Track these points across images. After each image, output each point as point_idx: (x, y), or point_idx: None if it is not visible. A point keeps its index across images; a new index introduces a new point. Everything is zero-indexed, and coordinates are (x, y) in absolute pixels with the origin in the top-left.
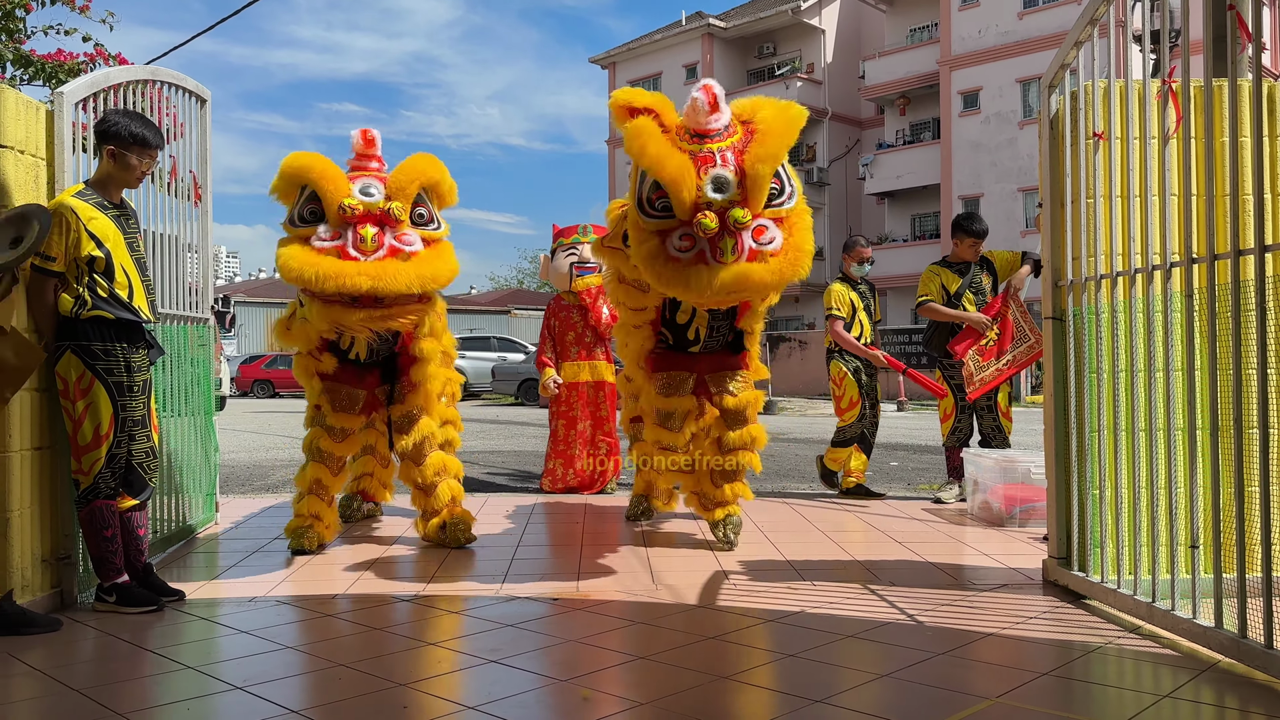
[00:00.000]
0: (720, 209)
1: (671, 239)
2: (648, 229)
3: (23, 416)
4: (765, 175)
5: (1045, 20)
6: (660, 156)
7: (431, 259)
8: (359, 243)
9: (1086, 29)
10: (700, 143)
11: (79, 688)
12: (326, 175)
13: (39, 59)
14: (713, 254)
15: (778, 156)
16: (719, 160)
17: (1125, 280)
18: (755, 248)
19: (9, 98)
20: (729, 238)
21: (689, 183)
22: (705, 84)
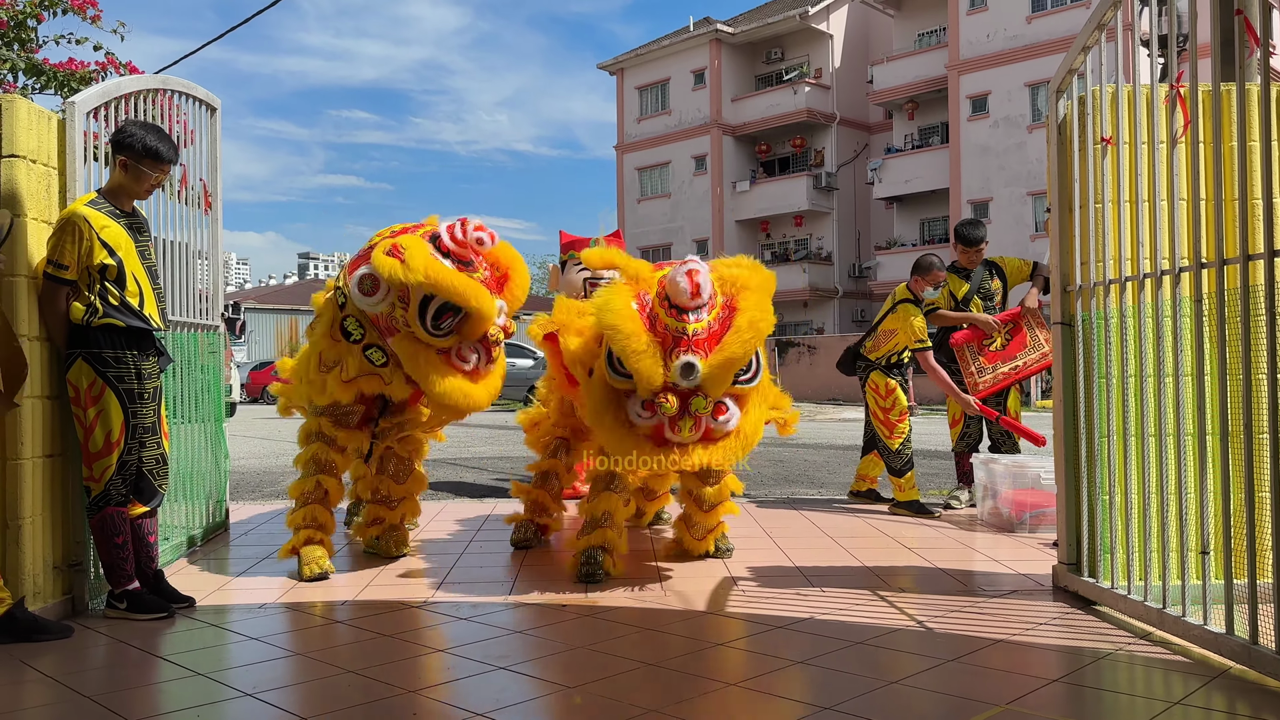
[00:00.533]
0: (684, 392)
1: (633, 404)
2: (616, 386)
3: (34, 424)
4: (731, 369)
5: (1054, 24)
6: (630, 334)
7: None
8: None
9: (1094, 34)
10: (678, 318)
11: (90, 694)
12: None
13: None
14: (670, 429)
15: (751, 345)
16: (691, 346)
17: (1134, 285)
18: (712, 426)
19: (21, 107)
20: (688, 418)
21: (656, 371)
22: (690, 268)
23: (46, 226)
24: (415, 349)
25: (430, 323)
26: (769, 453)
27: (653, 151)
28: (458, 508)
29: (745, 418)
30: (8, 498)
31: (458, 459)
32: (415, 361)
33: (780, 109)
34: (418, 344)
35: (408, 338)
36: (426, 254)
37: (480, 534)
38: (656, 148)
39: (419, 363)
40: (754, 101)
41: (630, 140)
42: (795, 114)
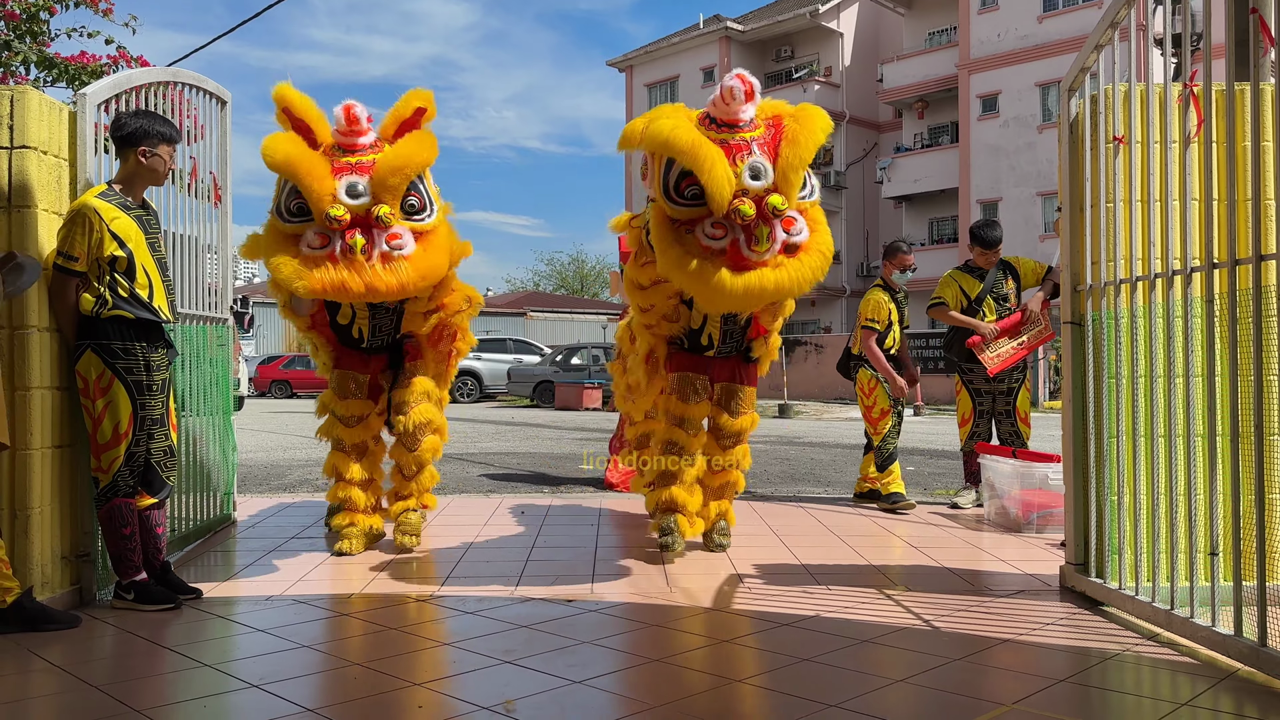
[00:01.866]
0: (756, 196)
1: (703, 227)
2: (677, 217)
3: (43, 415)
4: (800, 169)
5: (1065, 24)
6: (694, 143)
7: (422, 258)
8: (348, 251)
9: (1107, 32)
10: (731, 132)
11: (97, 684)
12: (311, 173)
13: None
14: (748, 242)
15: (809, 149)
16: (755, 149)
17: (1145, 285)
18: (787, 239)
19: (32, 99)
20: (765, 226)
21: (725, 169)
22: (739, 73)
23: (57, 218)
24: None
25: (284, 209)
26: (775, 451)
27: None
28: (464, 503)
29: (814, 234)
30: (16, 488)
31: (464, 454)
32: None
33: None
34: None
35: (269, 230)
36: (287, 140)
37: (486, 528)
38: None
39: (272, 253)
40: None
41: None
42: None
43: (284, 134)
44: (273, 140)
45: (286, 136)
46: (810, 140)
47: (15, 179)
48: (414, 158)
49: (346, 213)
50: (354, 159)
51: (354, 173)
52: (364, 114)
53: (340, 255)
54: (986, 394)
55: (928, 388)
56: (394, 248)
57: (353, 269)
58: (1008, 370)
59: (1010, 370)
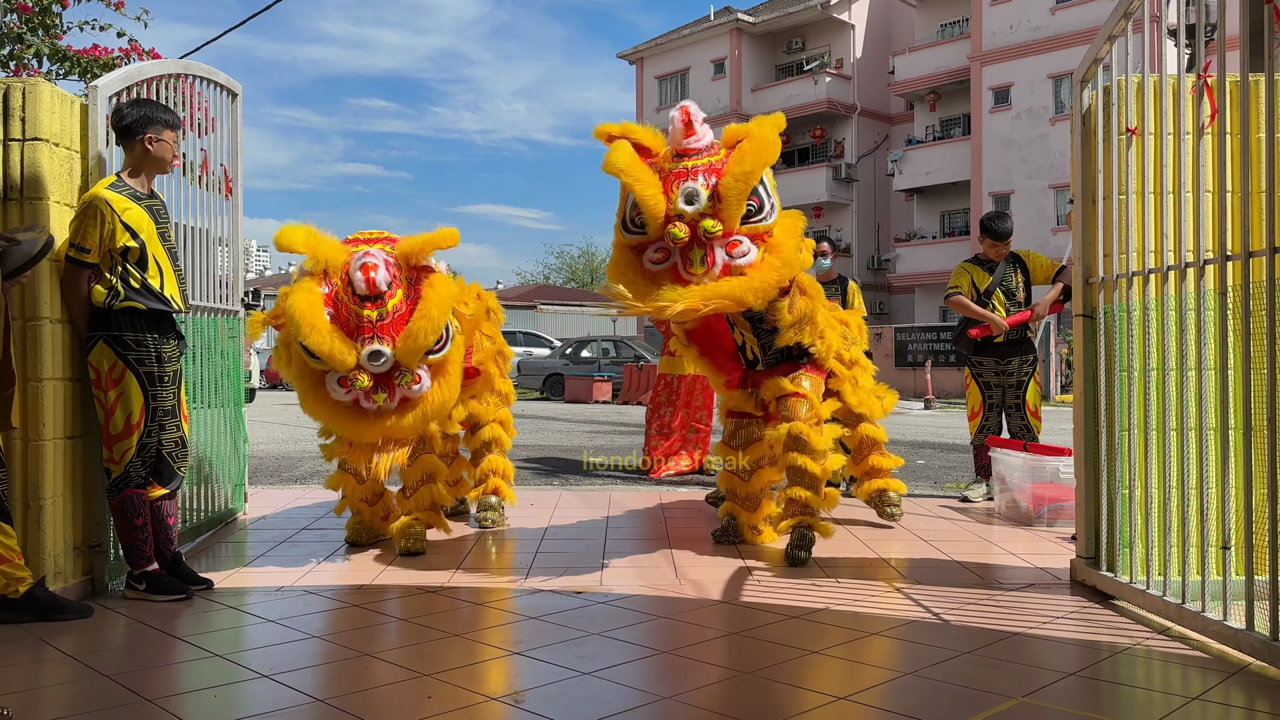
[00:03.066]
0: (691, 220)
1: (647, 252)
2: (625, 244)
3: (56, 406)
4: (737, 190)
5: (1078, 15)
6: (634, 172)
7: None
8: (688, 266)
9: (1120, 23)
10: (678, 161)
11: (109, 673)
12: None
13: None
14: (683, 265)
15: (752, 173)
16: (690, 176)
17: (1157, 277)
18: (728, 261)
19: (44, 91)
20: (698, 248)
21: (659, 196)
22: (682, 105)
23: (69, 210)
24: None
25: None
26: None
27: None
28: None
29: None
30: (29, 479)
31: None
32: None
33: (800, 99)
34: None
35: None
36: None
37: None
38: None
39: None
40: (774, 92)
41: None
42: (815, 104)
43: (621, 143)
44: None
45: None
46: (754, 159)
47: (27, 171)
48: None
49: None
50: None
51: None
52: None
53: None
54: (996, 387)
55: (938, 382)
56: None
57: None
58: (1017, 363)
59: (1020, 363)
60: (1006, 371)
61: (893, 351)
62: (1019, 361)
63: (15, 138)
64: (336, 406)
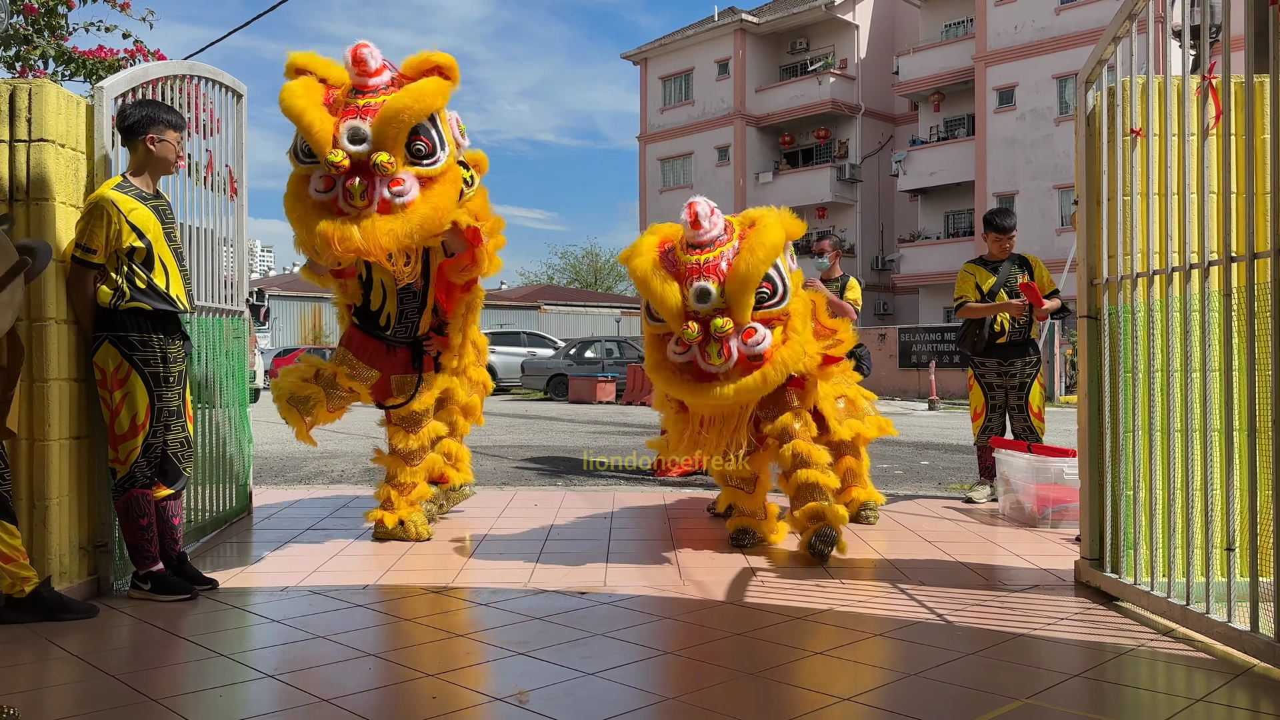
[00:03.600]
0: (705, 316)
1: (670, 344)
2: (652, 333)
3: (61, 406)
4: (745, 287)
5: (1083, 16)
6: (645, 278)
7: (421, 206)
8: (348, 197)
9: (1125, 24)
10: (692, 253)
11: (114, 673)
12: (315, 122)
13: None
14: (702, 358)
15: (760, 265)
16: (359, 115)
17: (1162, 279)
18: (744, 350)
19: (50, 92)
20: (714, 343)
21: (675, 302)
22: (690, 201)
23: (75, 211)
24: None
25: (299, 150)
26: None
27: (675, 142)
28: (477, 495)
29: (782, 344)
30: (35, 479)
31: (477, 447)
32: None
33: (804, 100)
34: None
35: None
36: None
37: (499, 521)
38: (679, 138)
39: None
40: (778, 92)
41: (653, 131)
42: (820, 105)
43: (299, 80)
44: (287, 86)
45: (300, 82)
46: (764, 252)
47: (33, 172)
48: (418, 102)
49: (345, 158)
50: (363, 101)
51: (359, 116)
52: (375, 55)
53: (343, 202)
54: (999, 388)
55: (943, 382)
56: (395, 194)
57: (355, 220)
58: (1020, 364)
59: (1023, 365)
60: (1009, 373)
61: (897, 352)
62: (1022, 363)
63: (21, 139)
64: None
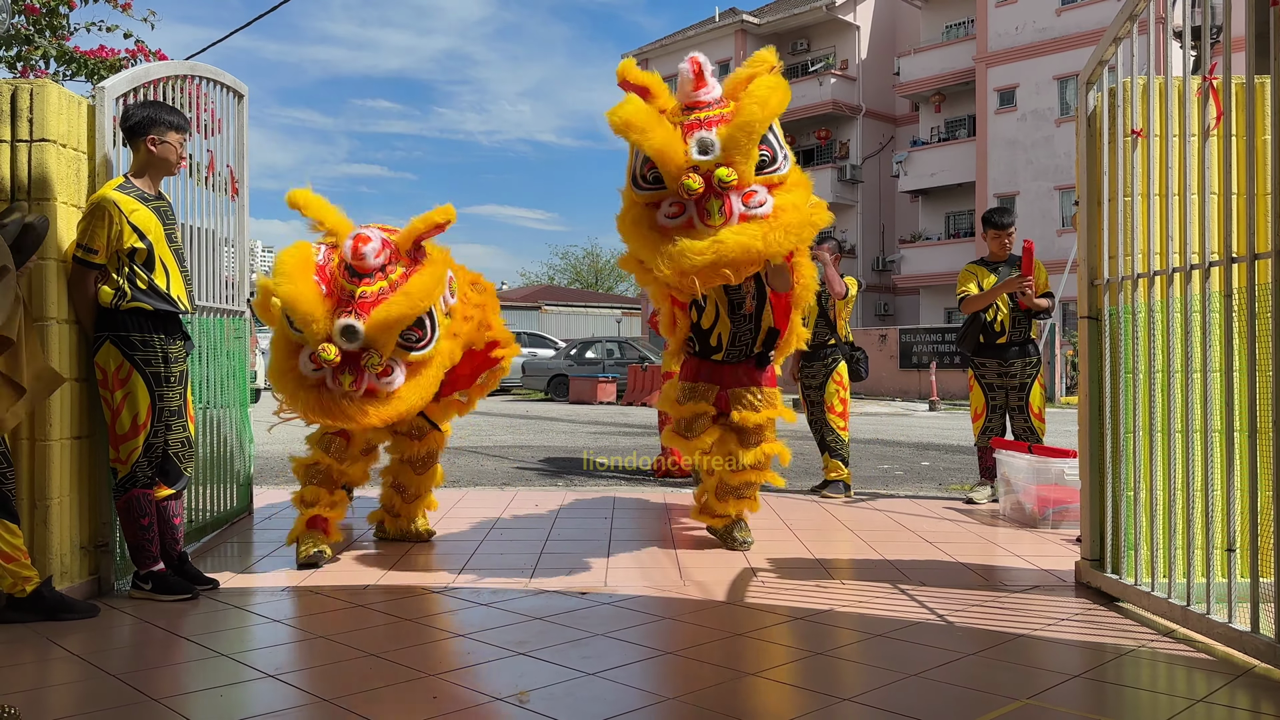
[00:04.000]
0: (706, 171)
1: (662, 207)
2: (637, 201)
3: (63, 406)
4: (746, 136)
5: (1083, 17)
6: (646, 127)
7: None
8: (705, 218)
9: (1126, 25)
10: (689, 114)
11: (115, 673)
12: (310, 314)
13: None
14: (700, 216)
15: (759, 120)
16: (704, 126)
17: (1163, 280)
18: (745, 211)
19: (52, 92)
20: (715, 199)
21: (675, 147)
22: (691, 56)
23: (76, 211)
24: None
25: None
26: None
27: None
28: (478, 495)
29: (784, 203)
30: (36, 479)
31: (479, 447)
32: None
33: (805, 100)
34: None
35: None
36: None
37: (501, 521)
38: None
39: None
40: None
41: None
42: (820, 106)
43: (632, 98)
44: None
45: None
46: (760, 107)
47: (35, 172)
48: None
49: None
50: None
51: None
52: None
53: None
54: (999, 389)
55: (943, 383)
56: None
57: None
58: (1020, 365)
59: (1023, 366)
60: (1009, 373)
61: (897, 353)
62: (1022, 364)
63: (23, 139)
64: (302, 382)
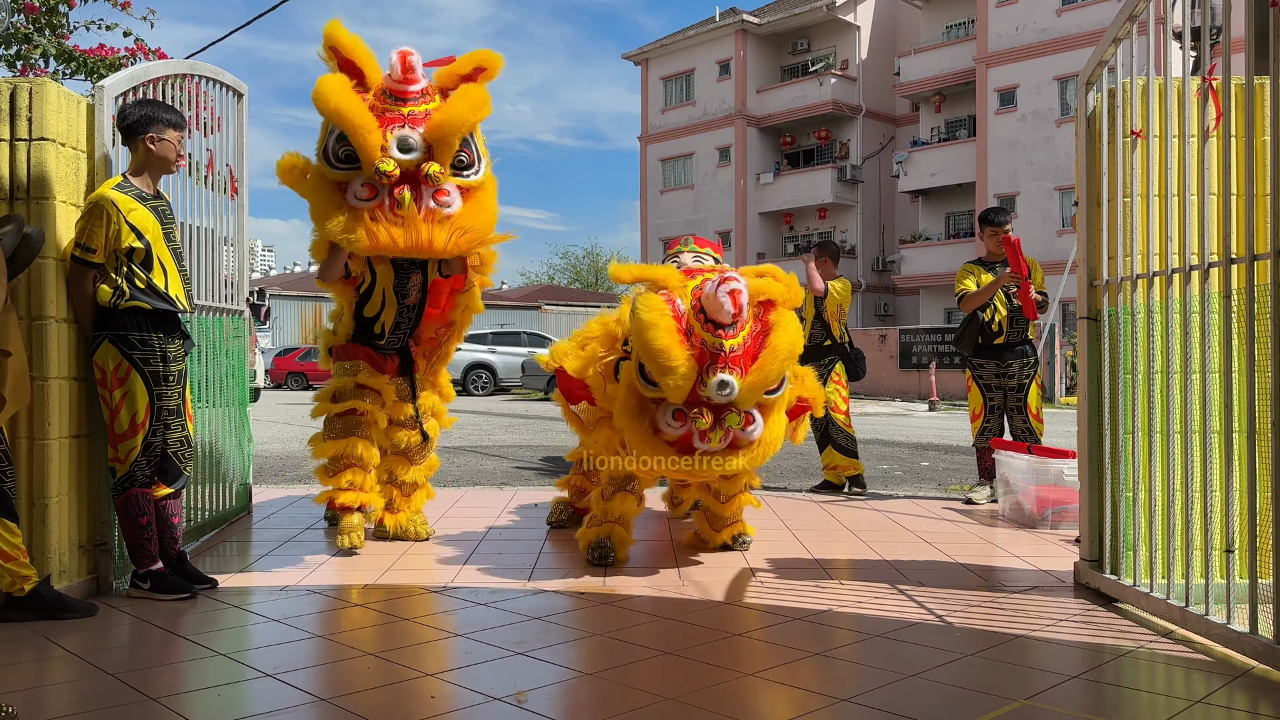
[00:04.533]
0: (717, 406)
1: (664, 413)
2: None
3: (61, 405)
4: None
5: (1084, 17)
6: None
7: (468, 216)
8: (395, 206)
9: (1125, 25)
10: (714, 333)
11: (113, 672)
12: (364, 126)
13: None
14: (700, 439)
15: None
16: (407, 124)
17: (1162, 280)
18: (434, 207)
19: (51, 91)
20: (719, 430)
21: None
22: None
23: (75, 210)
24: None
25: (332, 155)
26: (790, 446)
27: (676, 143)
28: (477, 495)
29: (768, 426)
30: (34, 478)
31: (477, 446)
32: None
33: (805, 100)
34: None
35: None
36: (338, 85)
37: (499, 521)
38: (680, 139)
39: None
40: (779, 93)
41: (654, 131)
42: (821, 106)
43: (335, 76)
44: (324, 83)
45: (337, 80)
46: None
47: (34, 171)
48: (469, 115)
49: (396, 168)
50: (406, 109)
51: (407, 125)
52: (419, 62)
53: (388, 210)
54: (996, 389)
55: (943, 383)
56: (441, 204)
57: (401, 225)
58: (1018, 366)
59: (1020, 366)
60: (1007, 374)
61: (897, 353)
62: (1019, 364)
63: (22, 137)
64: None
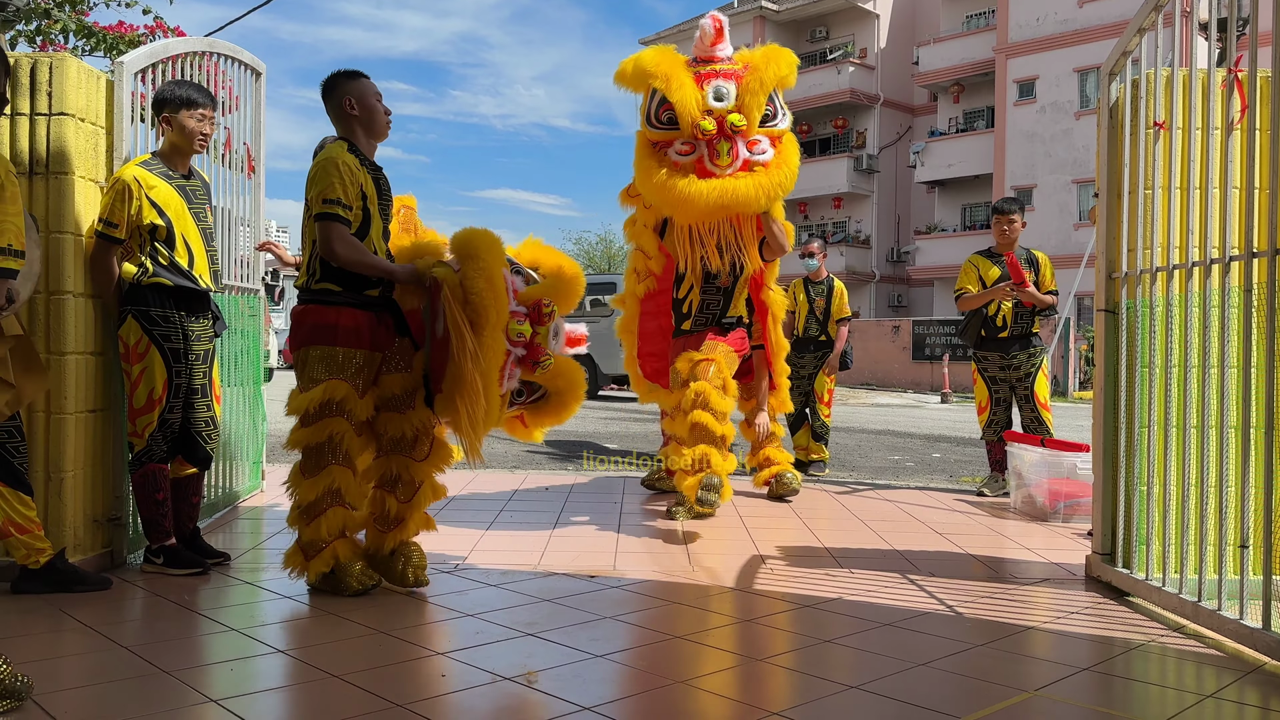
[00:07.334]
0: (719, 116)
1: (675, 146)
2: (655, 140)
3: (79, 379)
4: (760, 91)
5: (1105, 9)
6: (667, 69)
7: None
8: (715, 158)
9: (1151, 16)
10: (704, 65)
11: (127, 645)
12: (683, 86)
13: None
14: (710, 156)
15: (771, 80)
16: (719, 77)
17: (1181, 273)
18: (749, 157)
19: (71, 67)
20: (725, 142)
21: (693, 92)
22: (713, 14)
23: (94, 185)
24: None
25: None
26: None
27: None
28: (489, 477)
29: (781, 155)
30: (51, 451)
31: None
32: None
33: (823, 89)
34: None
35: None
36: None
37: (511, 503)
38: None
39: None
40: (796, 80)
41: None
42: (838, 94)
43: (655, 48)
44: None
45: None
46: (772, 70)
47: (53, 145)
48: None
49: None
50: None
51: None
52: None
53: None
54: (1002, 381)
55: (956, 375)
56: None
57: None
58: (1023, 356)
59: (1025, 356)
60: (1012, 365)
61: (910, 345)
62: (1024, 355)
63: (42, 112)
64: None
